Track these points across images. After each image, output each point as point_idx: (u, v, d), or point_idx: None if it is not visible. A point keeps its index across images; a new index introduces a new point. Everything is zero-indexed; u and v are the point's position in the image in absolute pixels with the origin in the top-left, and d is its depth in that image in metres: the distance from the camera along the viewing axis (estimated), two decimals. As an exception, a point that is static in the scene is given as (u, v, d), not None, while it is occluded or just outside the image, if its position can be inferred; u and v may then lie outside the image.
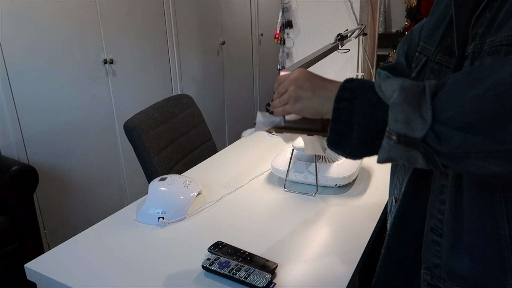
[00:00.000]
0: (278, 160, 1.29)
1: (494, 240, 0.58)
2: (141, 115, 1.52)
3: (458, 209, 0.61)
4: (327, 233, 1.00)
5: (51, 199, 2.14)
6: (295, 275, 0.84)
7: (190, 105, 1.78)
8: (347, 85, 0.56)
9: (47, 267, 0.89)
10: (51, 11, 2.01)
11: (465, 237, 0.61)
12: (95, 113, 2.32)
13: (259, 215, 1.09)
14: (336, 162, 1.23)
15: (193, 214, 1.10)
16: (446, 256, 0.64)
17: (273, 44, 2.43)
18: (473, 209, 0.59)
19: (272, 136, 1.74)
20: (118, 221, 1.09)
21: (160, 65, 2.73)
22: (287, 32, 2.24)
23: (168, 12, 2.70)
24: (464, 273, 0.62)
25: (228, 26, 3.39)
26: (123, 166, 2.54)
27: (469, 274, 0.61)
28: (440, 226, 0.64)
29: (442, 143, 0.48)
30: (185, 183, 1.14)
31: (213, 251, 0.90)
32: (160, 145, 1.53)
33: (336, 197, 1.17)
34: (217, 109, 3.43)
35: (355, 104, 0.54)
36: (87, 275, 0.86)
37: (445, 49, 0.65)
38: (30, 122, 1.99)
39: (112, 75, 2.37)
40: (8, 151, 1.93)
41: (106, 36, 2.30)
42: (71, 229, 2.25)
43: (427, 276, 0.68)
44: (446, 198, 0.63)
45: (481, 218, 0.59)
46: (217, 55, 3.31)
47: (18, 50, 1.90)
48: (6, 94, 1.87)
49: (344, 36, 1.47)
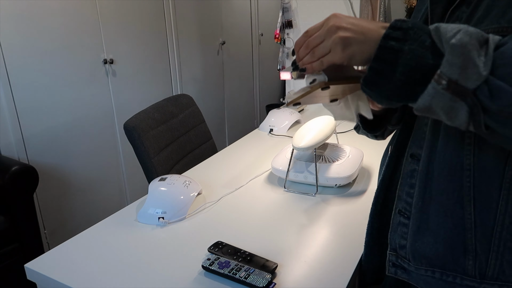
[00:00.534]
0: (278, 160, 1.29)
1: (460, 223, 0.61)
2: (141, 115, 1.52)
3: (427, 193, 0.64)
4: (327, 233, 1.00)
5: (51, 199, 2.14)
6: (295, 275, 0.84)
7: (190, 105, 1.78)
8: (399, 24, 0.51)
9: (47, 267, 0.89)
10: (51, 11, 2.01)
11: (432, 219, 0.64)
12: (95, 113, 2.32)
13: (259, 215, 1.09)
14: (336, 162, 1.23)
15: (193, 214, 1.10)
16: (413, 238, 0.67)
17: (273, 44, 2.43)
18: (442, 194, 0.62)
19: (272, 136, 1.74)
20: (118, 221, 1.09)
21: (160, 65, 2.73)
22: (287, 32, 2.24)
23: (168, 12, 2.70)
24: (428, 253, 0.65)
25: (228, 26, 3.39)
26: (123, 166, 2.54)
27: (433, 254, 0.65)
28: (408, 209, 0.68)
29: (494, 99, 0.46)
30: (185, 183, 1.14)
31: (213, 251, 0.90)
32: (160, 145, 1.53)
33: (336, 197, 1.17)
34: (217, 109, 3.43)
35: (405, 44, 0.50)
36: (87, 275, 0.86)
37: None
38: (30, 122, 1.99)
39: (112, 75, 2.38)
40: (8, 151, 1.93)
41: (106, 36, 2.30)
42: (71, 229, 2.25)
43: (393, 257, 0.72)
44: (416, 181, 0.66)
45: (449, 202, 0.62)
46: (217, 55, 3.32)
47: (18, 50, 1.90)
48: (6, 94, 1.87)
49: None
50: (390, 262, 0.72)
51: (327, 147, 1.34)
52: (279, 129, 1.80)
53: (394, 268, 0.72)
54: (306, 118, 1.66)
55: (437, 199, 0.63)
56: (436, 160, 0.62)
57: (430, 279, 0.66)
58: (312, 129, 1.26)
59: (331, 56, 0.57)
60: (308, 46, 0.59)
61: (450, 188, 0.61)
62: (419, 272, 0.68)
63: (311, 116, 1.97)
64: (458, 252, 0.62)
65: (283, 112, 1.89)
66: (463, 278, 0.63)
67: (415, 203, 0.66)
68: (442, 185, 0.62)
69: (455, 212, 0.61)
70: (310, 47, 0.59)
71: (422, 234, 0.66)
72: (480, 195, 0.59)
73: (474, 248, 0.61)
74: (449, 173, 0.61)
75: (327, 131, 1.26)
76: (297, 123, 1.89)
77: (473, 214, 0.60)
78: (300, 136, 1.24)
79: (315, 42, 0.58)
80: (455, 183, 0.60)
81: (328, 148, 1.33)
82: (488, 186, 0.58)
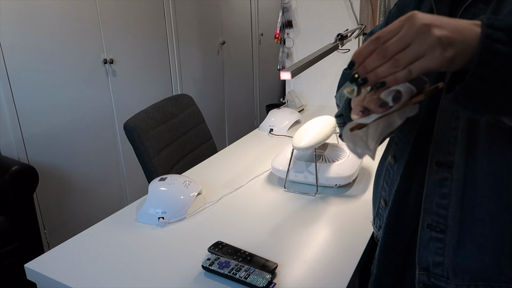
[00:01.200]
0: (278, 160, 1.29)
1: (508, 229, 0.58)
2: (141, 115, 1.52)
3: (467, 202, 0.60)
4: (327, 233, 1.00)
5: (51, 199, 2.14)
6: (295, 275, 0.84)
7: (190, 105, 1.78)
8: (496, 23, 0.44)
9: (47, 267, 0.89)
10: (51, 11, 2.01)
11: (476, 229, 0.60)
12: (95, 113, 2.32)
13: (259, 215, 1.09)
14: (336, 162, 1.23)
15: (193, 214, 1.10)
16: (452, 252, 0.62)
17: (273, 44, 2.43)
18: (488, 200, 0.58)
19: (272, 136, 1.74)
20: (118, 221, 1.09)
21: (160, 65, 2.73)
22: (287, 32, 2.24)
23: (168, 12, 2.70)
24: (473, 267, 0.61)
25: (228, 26, 3.39)
26: (123, 166, 2.54)
27: (477, 267, 0.60)
28: (443, 222, 0.63)
29: None
30: (185, 183, 1.14)
31: (213, 251, 0.90)
32: (160, 145, 1.53)
33: (336, 197, 1.17)
34: (217, 109, 3.43)
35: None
36: (87, 275, 0.86)
37: None
38: (30, 122, 1.99)
39: (112, 75, 2.38)
40: (8, 151, 1.93)
41: (106, 36, 2.30)
42: (71, 229, 2.25)
43: (423, 277, 0.66)
44: (451, 191, 0.61)
45: (496, 208, 0.58)
46: (217, 55, 3.32)
47: (18, 50, 1.90)
48: (6, 94, 1.87)
49: (344, 36, 1.47)
50: (421, 283, 0.66)
51: (327, 147, 1.34)
52: (279, 129, 1.80)
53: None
54: (306, 118, 1.66)
55: (482, 206, 0.59)
56: (477, 165, 0.58)
57: None
58: (312, 129, 1.26)
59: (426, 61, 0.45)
60: (387, 54, 0.47)
61: (497, 193, 0.58)
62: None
63: (311, 116, 1.97)
64: (504, 260, 0.59)
65: (283, 112, 1.89)
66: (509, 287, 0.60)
67: (452, 215, 0.61)
68: (488, 191, 0.58)
69: (503, 218, 0.58)
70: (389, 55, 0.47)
71: (463, 247, 0.61)
72: None
73: None
74: (495, 178, 0.57)
75: (327, 131, 1.26)
76: (297, 123, 1.89)
77: None
78: (300, 136, 1.24)
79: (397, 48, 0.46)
80: (502, 188, 0.57)
81: (328, 148, 1.33)
82: None
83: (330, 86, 2.22)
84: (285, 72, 1.10)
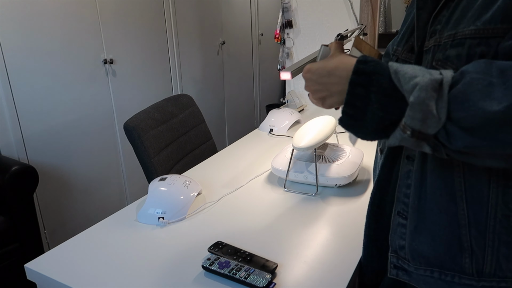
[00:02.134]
0: (278, 160, 1.29)
1: (454, 220, 0.62)
2: (141, 115, 1.52)
3: (422, 192, 0.65)
4: (327, 233, 1.00)
5: (51, 199, 2.14)
6: (295, 275, 0.84)
7: (190, 105, 1.78)
8: (361, 68, 0.56)
9: (47, 267, 0.89)
10: (51, 11, 2.01)
11: (428, 217, 0.65)
12: (95, 113, 2.32)
13: (259, 215, 1.09)
14: (336, 162, 1.23)
15: (193, 214, 1.10)
16: (410, 237, 0.68)
17: (273, 44, 2.43)
18: (435, 191, 0.63)
19: (272, 136, 1.74)
20: (118, 221, 1.09)
21: (160, 65, 2.73)
22: (287, 32, 2.24)
23: (168, 12, 2.70)
24: (426, 253, 0.66)
25: (228, 26, 3.39)
26: (123, 166, 2.54)
27: (430, 253, 0.65)
28: (406, 209, 0.68)
29: (451, 141, 0.52)
30: (185, 183, 1.14)
31: (213, 251, 0.90)
32: (160, 145, 1.53)
33: (336, 197, 1.17)
34: (217, 109, 3.43)
35: (371, 92, 0.55)
36: (87, 275, 0.86)
37: (409, 47, 0.72)
38: (30, 122, 1.99)
39: (112, 75, 2.38)
40: (8, 151, 1.93)
41: (106, 36, 2.30)
42: (71, 229, 2.25)
43: (394, 258, 0.72)
44: (412, 181, 0.67)
45: (442, 199, 0.62)
46: (217, 55, 3.32)
47: (18, 50, 1.90)
48: (6, 94, 1.87)
49: (344, 36, 1.47)
50: (392, 264, 0.72)
51: (327, 147, 1.34)
52: (279, 129, 1.80)
53: (395, 270, 0.72)
54: (306, 118, 1.66)
55: (432, 197, 0.64)
56: (428, 158, 0.64)
57: (429, 279, 0.66)
58: (312, 129, 1.26)
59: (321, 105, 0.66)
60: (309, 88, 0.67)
61: (442, 185, 0.62)
62: (418, 273, 0.68)
63: (311, 116, 1.98)
64: (454, 250, 0.63)
65: (283, 112, 1.89)
66: (461, 277, 0.63)
67: (411, 203, 0.67)
68: (435, 183, 0.63)
69: (449, 209, 0.62)
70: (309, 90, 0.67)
71: (419, 234, 0.66)
72: (471, 189, 0.60)
73: (470, 245, 0.61)
74: (440, 170, 0.62)
75: (327, 131, 1.26)
76: (297, 123, 1.89)
77: (466, 209, 0.61)
78: (300, 136, 1.24)
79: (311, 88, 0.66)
80: (447, 179, 0.62)
81: (328, 148, 1.33)
82: (477, 180, 0.59)
83: (330, 86, 2.21)
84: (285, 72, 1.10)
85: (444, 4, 0.63)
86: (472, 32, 0.56)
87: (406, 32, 0.74)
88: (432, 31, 0.64)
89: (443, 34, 0.60)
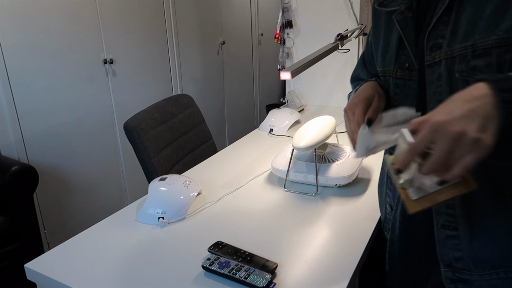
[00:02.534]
0: (278, 160, 1.29)
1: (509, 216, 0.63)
2: (141, 115, 1.52)
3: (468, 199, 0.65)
4: (327, 233, 1.00)
5: (51, 199, 2.14)
6: (295, 275, 0.84)
7: (190, 105, 1.78)
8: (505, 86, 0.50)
9: (47, 267, 0.89)
10: (51, 11, 2.01)
11: (482, 222, 0.65)
12: (95, 113, 2.32)
13: (259, 215, 1.09)
14: (336, 162, 1.23)
15: (193, 214, 1.10)
16: (468, 246, 0.67)
17: (273, 44, 2.43)
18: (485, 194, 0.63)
19: (272, 136, 1.74)
20: (118, 221, 1.09)
21: (160, 65, 2.73)
22: (287, 32, 2.24)
23: (168, 12, 2.70)
24: (488, 257, 0.66)
25: (228, 26, 3.39)
26: (123, 166, 2.54)
27: (493, 256, 0.65)
28: (453, 220, 0.68)
29: None
30: (185, 183, 1.14)
31: (213, 251, 0.90)
32: (160, 145, 1.53)
33: (336, 197, 1.17)
34: (217, 109, 3.43)
35: None
36: (87, 275, 0.86)
37: (402, 65, 0.72)
38: (30, 122, 1.99)
39: (112, 75, 2.38)
40: (8, 151, 1.93)
41: (106, 36, 2.30)
42: (71, 229, 2.25)
43: (449, 273, 0.71)
44: None
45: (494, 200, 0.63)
46: (217, 55, 3.32)
47: (18, 50, 1.90)
48: (6, 94, 1.87)
49: (344, 36, 1.47)
50: (448, 279, 0.71)
51: (327, 147, 1.34)
52: (279, 129, 1.80)
53: (453, 284, 0.71)
54: (306, 118, 1.66)
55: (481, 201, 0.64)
56: None
57: (495, 281, 0.66)
58: (312, 129, 1.26)
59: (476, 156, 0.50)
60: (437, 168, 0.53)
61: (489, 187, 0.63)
62: (483, 279, 0.67)
63: (311, 116, 1.98)
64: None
65: (283, 112, 1.89)
66: None
67: (459, 213, 0.67)
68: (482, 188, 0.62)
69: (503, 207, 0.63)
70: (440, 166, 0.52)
71: (475, 240, 0.66)
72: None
73: None
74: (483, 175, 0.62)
75: (327, 131, 1.26)
76: (297, 123, 1.89)
77: None
78: (300, 136, 1.24)
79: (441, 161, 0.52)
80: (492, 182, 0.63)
81: (328, 148, 1.33)
82: None
83: (330, 86, 2.22)
84: (285, 72, 1.10)
85: (438, 19, 0.64)
86: (495, 41, 0.57)
87: (388, 52, 0.75)
88: (432, 45, 0.65)
89: (454, 46, 0.61)
